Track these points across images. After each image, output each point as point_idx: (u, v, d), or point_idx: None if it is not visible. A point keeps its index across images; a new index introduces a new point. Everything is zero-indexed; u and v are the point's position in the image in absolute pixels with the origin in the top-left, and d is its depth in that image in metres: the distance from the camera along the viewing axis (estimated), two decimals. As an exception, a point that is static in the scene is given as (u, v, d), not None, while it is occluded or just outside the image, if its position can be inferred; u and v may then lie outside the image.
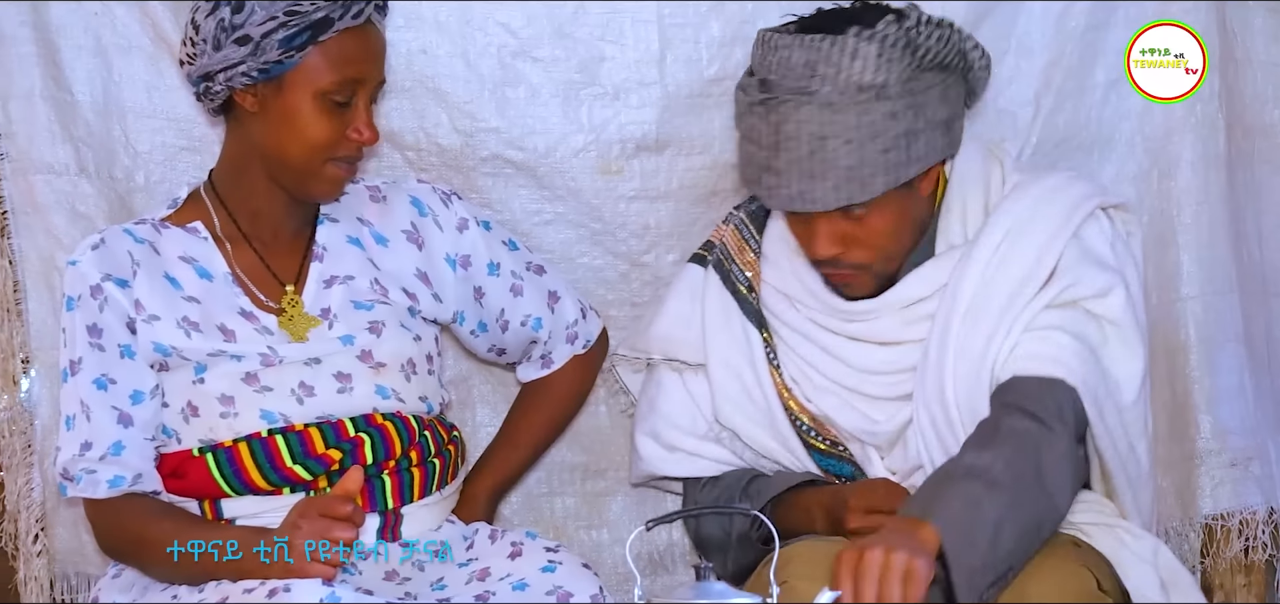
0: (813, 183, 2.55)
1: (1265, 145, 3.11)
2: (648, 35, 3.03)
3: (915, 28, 2.55)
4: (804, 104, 2.54)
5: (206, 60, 2.59)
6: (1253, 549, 3.13)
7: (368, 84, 2.62)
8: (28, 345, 3.00)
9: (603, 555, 3.12)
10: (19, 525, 3.03)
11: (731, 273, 2.84)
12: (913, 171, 2.57)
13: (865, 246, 2.63)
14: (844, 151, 2.53)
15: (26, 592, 3.02)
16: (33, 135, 2.96)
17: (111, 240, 2.65)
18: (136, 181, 3.00)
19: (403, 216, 2.79)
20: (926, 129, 2.56)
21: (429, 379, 2.75)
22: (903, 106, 2.53)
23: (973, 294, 2.63)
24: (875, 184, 2.55)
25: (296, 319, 2.67)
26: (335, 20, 2.56)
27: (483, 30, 3.03)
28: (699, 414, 2.85)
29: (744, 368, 2.79)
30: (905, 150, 2.55)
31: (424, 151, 3.03)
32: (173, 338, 2.60)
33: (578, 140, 3.04)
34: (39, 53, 2.95)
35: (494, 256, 2.85)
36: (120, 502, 2.62)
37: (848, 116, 2.53)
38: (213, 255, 2.67)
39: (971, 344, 2.61)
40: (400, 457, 2.68)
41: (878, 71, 2.52)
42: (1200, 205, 3.11)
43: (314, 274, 2.70)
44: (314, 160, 2.61)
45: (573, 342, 2.95)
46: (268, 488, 2.61)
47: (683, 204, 3.07)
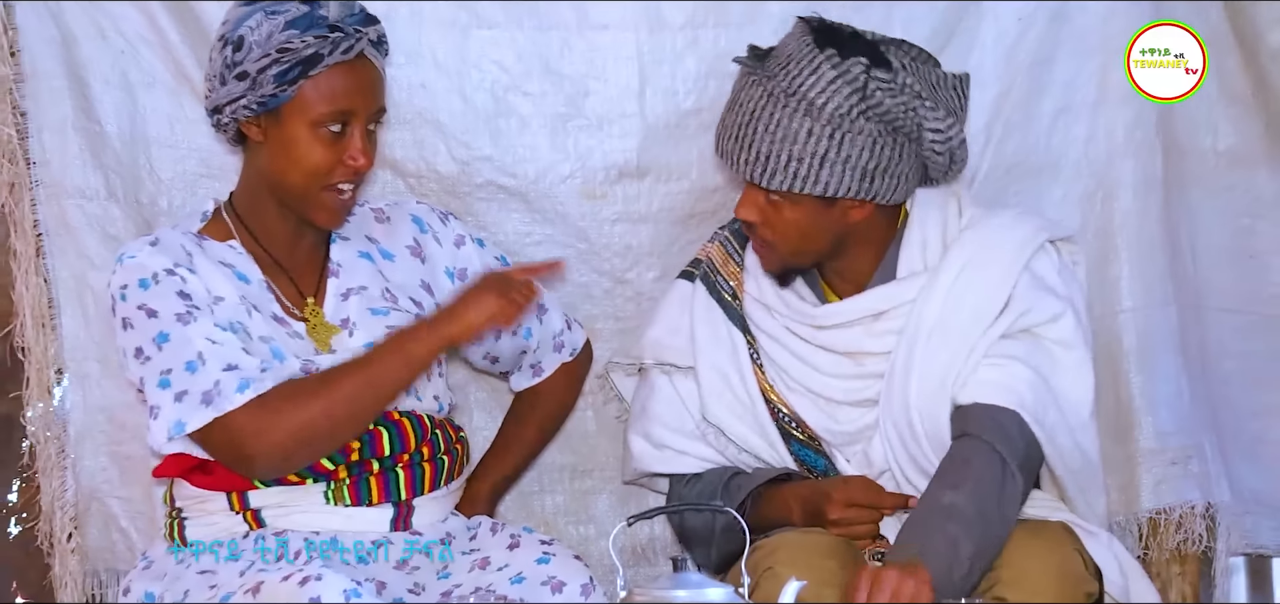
0: (737, 147, 2.79)
1: (1199, 170, 3.27)
2: (628, 71, 3.15)
3: (881, 82, 2.72)
4: (759, 83, 2.77)
5: (216, 95, 2.73)
6: (1189, 541, 3.27)
7: (360, 114, 2.72)
8: (61, 357, 3.08)
9: (589, 548, 3.22)
10: (53, 525, 3.10)
11: (717, 284, 3.01)
12: (812, 190, 2.75)
13: (775, 230, 2.82)
14: (763, 138, 2.76)
15: (61, 587, 3.10)
16: (65, 163, 3.07)
17: (165, 238, 2.76)
18: (160, 206, 3.11)
19: (406, 233, 2.92)
20: (841, 164, 2.74)
21: (439, 382, 2.87)
22: (824, 133, 2.72)
23: (935, 319, 2.82)
24: (774, 180, 2.76)
25: (319, 328, 2.80)
26: (325, 56, 2.68)
27: (478, 67, 3.15)
28: (687, 414, 3.00)
29: (730, 369, 2.96)
30: (811, 169, 2.74)
31: (424, 178, 3.16)
32: (238, 315, 2.70)
33: (565, 168, 3.17)
34: (70, 87, 3.07)
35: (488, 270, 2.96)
36: (284, 387, 2.67)
37: (776, 112, 2.75)
38: (249, 266, 2.79)
39: (934, 366, 2.80)
40: (414, 451, 2.78)
41: (821, 94, 2.72)
42: (1140, 225, 3.25)
43: (331, 288, 2.83)
44: (312, 186, 2.73)
45: (560, 350, 3.09)
46: (293, 479, 2.72)
47: (662, 226, 3.20)
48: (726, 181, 3.19)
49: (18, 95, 3.06)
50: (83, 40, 3.08)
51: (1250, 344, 3.30)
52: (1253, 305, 3.29)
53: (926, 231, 2.90)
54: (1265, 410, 3.30)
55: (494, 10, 3.15)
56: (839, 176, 2.75)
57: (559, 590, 2.66)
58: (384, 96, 2.79)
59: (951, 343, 2.81)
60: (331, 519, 2.76)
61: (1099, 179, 3.28)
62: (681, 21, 3.16)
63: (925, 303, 2.83)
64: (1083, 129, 3.24)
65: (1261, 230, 3.28)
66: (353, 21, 2.72)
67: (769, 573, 2.66)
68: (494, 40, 3.15)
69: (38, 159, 3.07)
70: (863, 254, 2.89)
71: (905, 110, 2.75)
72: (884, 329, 2.88)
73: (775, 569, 2.65)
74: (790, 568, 2.55)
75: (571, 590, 2.66)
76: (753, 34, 3.09)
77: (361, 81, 2.73)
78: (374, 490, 2.78)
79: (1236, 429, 3.30)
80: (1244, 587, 3.60)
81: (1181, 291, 3.28)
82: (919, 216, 2.91)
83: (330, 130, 2.71)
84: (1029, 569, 2.66)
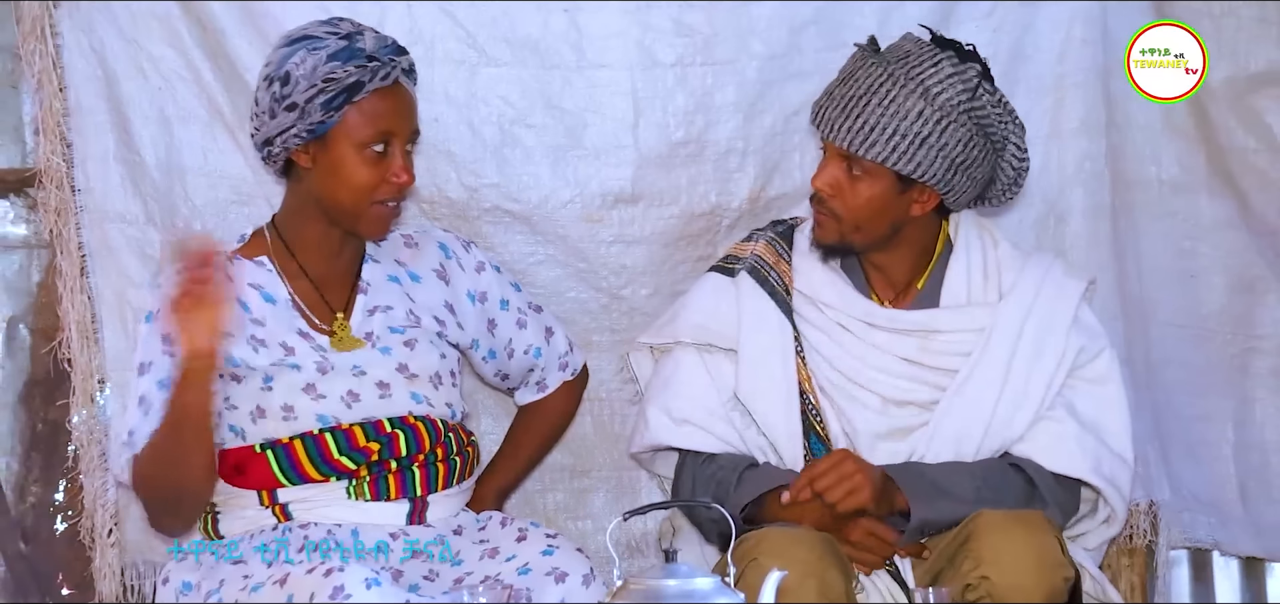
0: (843, 116, 2.94)
1: (1144, 197, 3.40)
2: (624, 106, 3.27)
3: (989, 91, 2.94)
4: (879, 66, 2.93)
5: (266, 128, 2.85)
6: (1136, 535, 3.41)
7: (400, 135, 2.86)
8: (103, 368, 3.18)
9: (587, 542, 3.19)
10: (95, 522, 3.18)
11: (768, 276, 3.10)
12: (903, 168, 2.91)
13: (845, 203, 2.96)
14: (875, 110, 2.91)
15: (101, 579, 3.19)
16: (108, 191, 3.19)
17: None
18: (195, 230, 3.19)
19: (433, 258, 3.05)
20: (937, 151, 2.91)
21: (453, 391, 2.98)
22: (932, 119, 2.90)
23: (1005, 367, 2.99)
24: (874, 150, 2.91)
25: (345, 340, 2.92)
26: (366, 83, 2.82)
27: (485, 102, 3.27)
28: (714, 393, 3.07)
29: (774, 353, 3.05)
30: (910, 148, 2.91)
31: (436, 204, 3.28)
32: (242, 353, 2.85)
33: (565, 194, 3.30)
34: (112, 121, 3.19)
35: (504, 295, 3.10)
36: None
37: (894, 90, 2.91)
38: (276, 283, 2.92)
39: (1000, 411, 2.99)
40: (428, 452, 2.90)
41: (938, 84, 2.92)
42: (1089, 247, 3.37)
43: (360, 304, 2.95)
44: (361, 202, 2.86)
45: (564, 370, 3.22)
46: (318, 477, 2.84)
47: (655, 247, 3.32)
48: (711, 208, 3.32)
49: (65, 128, 3.16)
50: (124, 79, 3.19)
51: (1191, 355, 3.42)
52: (1193, 320, 3.42)
53: (970, 264, 3.07)
54: (1203, 416, 3.43)
55: (500, 49, 3.26)
56: (930, 161, 2.92)
57: (562, 581, 2.77)
58: (417, 119, 2.92)
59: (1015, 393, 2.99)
60: (352, 513, 2.88)
61: (1051, 205, 3.39)
62: (672, 60, 3.29)
63: (987, 351, 2.99)
64: (1037, 160, 3.27)
65: (1202, 251, 3.41)
66: (387, 52, 2.86)
67: (753, 564, 2.73)
68: (500, 77, 3.27)
69: (82, 187, 3.18)
70: (905, 256, 3.06)
71: (1000, 121, 2.95)
72: (934, 347, 3.02)
73: (759, 561, 2.73)
74: (774, 559, 2.61)
75: (573, 581, 2.77)
76: (738, 71, 3.29)
77: (399, 105, 2.88)
78: (392, 487, 2.90)
79: (1178, 433, 3.43)
80: (1187, 578, 3.69)
81: (1128, 307, 3.40)
82: (964, 244, 3.08)
83: (374, 151, 2.84)
84: (1009, 552, 2.77)
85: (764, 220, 3.35)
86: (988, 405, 3.00)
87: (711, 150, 3.34)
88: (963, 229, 3.11)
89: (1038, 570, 2.78)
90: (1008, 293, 3.04)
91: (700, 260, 3.37)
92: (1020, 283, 3.05)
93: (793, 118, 3.34)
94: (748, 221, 3.38)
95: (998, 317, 3.02)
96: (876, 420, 3.03)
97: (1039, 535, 2.82)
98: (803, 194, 3.32)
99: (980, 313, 3.04)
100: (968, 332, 3.03)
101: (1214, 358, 3.44)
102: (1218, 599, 3.70)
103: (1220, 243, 3.42)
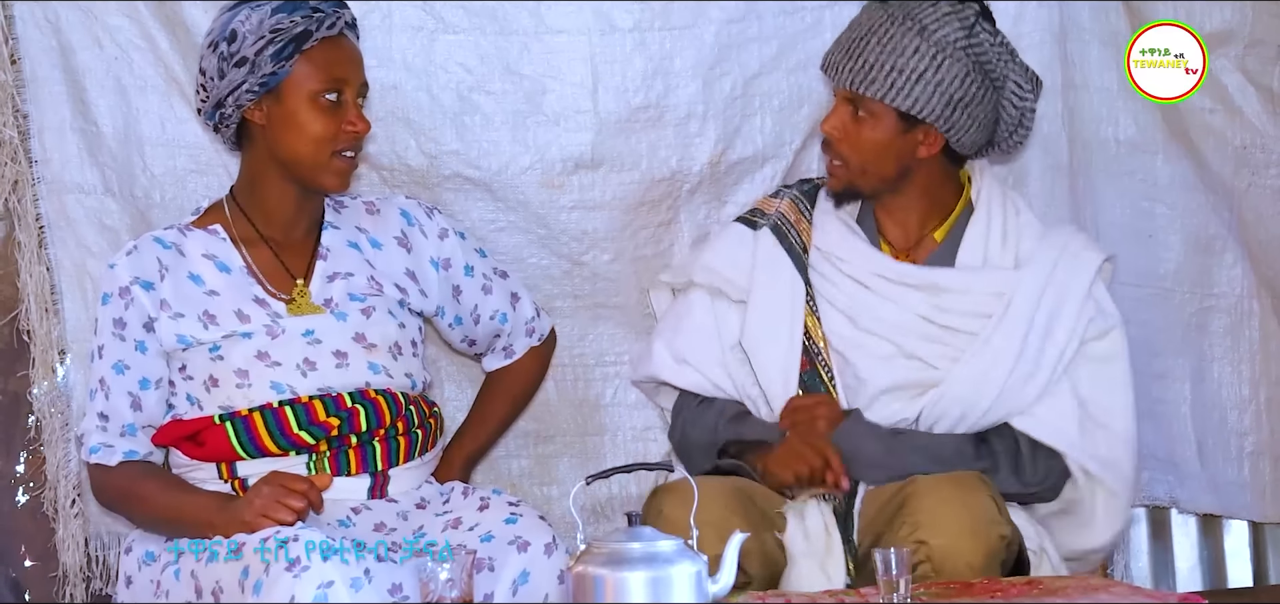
0: (845, 57, 3.03)
1: (1101, 157, 3.43)
2: (582, 71, 3.27)
3: (987, 29, 3.01)
4: (881, 8, 3.02)
5: (216, 90, 2.87)
6: None
7: (351, 84, 2.88)
8: (64, 339, 3.19)
9: (552, 507, 3.34)
10: (57, 493, 3.21)
11: (788, 234, 3.17)
12: (903, 103, 2.99)
13: (851, 145, 3.05)
14: (873, 49, 3.00)
15: (64, 550, 3.21)
16: (65, 161, 3.19)
17: (143, 248, 2.91)
18: (153, 199, 3.22)
19: (394, 225, 3.06)
20: (933, 87, 3.00)
21: (413, 361, 2.99)
22: (928, 53, 2.98)
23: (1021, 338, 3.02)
24: (872, 87, 3.00)
25: (302, 307, 2.92)
26: (314, 31, 2.84)
27: (444, 69, 3.27)
28: (716, 340, 3.15)
29: (782, 308, 3.12)
30: (908, 83, 2.98)
31: (396, 172, 3.29)
32: (193, 330, 2.88)
33: (525, 160, 3.30)
34: (68, 92, 3.19)
35: (468, 261, 3.12)
36: (121, 468, 2.87)
37: (891, 28, 2.99)
38: (231, 253, 2.93)
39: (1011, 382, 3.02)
40: (389, 425, 2.91)
41: (934, 22, 2.99)
42: (1047, 207, 3.39)
43: (319, 271, 2.96)
44: (320, 154, 2.88)
45: (531, 335, 3.24)
46: (277, 451, 2.85)
47: (615, 213, 3.33)
48: (672, 173, 3.34)
49: (20, 100, 3.17)
50: (79, 48, 3.19)
51: (1148, 314, 3.43)
52: (1150, 280, 3.45)
53: (991, 223, 3.11)
54: (1161, 375, 3.47)
55: (458, 16, 3.27)
56: (928, 97, 3.00)
57: (525, 550, 2.78)
58: (364, 73, 2.94)
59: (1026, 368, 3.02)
60: None
61: (1009, 166, 3.41)
62: (630, 25, 3.30)
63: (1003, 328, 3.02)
64: None
65: (1158, 213, 3.44)
66: (330, 3, 2.89)
67: (660, 517, 2.80)
68: (458, 44, 3.27)
69: (39, 158, 3.19)
70: (917, 202, 3.11)
71: (999, 58, 3.02)
72: (945, 306, 3.07)
73: (665, 513, 2.81)
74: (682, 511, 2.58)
75: (536, 549, 2.79)
76: (696, 36, 3.30)
77: (348, 54, 2.91)
78: (352, 462, 2.91)
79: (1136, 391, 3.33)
80: (1145, 536, 3.72)
81: None
82: (985, 207, 3.12)
83: (327, 99, 2.86)
84: (944, 515, 2.82)
85: (726, 185, 3.39)
86: (1001, 374, 3.03)
87: (671, 115, 3.35)
88: (985, 192, 3.14)
89: (973, 531, 2.81)
90: (1026, 262, 3.08)
91: (661, 225, 3.40)
92: (1039, 252, 3.08)
93: (752, 82, 3.36)
94: (709, 186, 3.41)
95: (1018, 285, 3.05)
96: (884, 373, 3.07)
97: (972, 496, 2.86)
98: (764, 158, 3.39)
99: (994, 277, 3.08)
100: (979, 294, 3.07)
101: (1171, 317, 3.48)
102: (1176, 556, 3.73)
103: (1177, 203, 3.44)
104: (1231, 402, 3.48)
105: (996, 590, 2.67)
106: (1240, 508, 3.53)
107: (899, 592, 2.50)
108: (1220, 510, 3.57)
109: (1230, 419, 3.48)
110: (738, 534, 2.46)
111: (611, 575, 2.36)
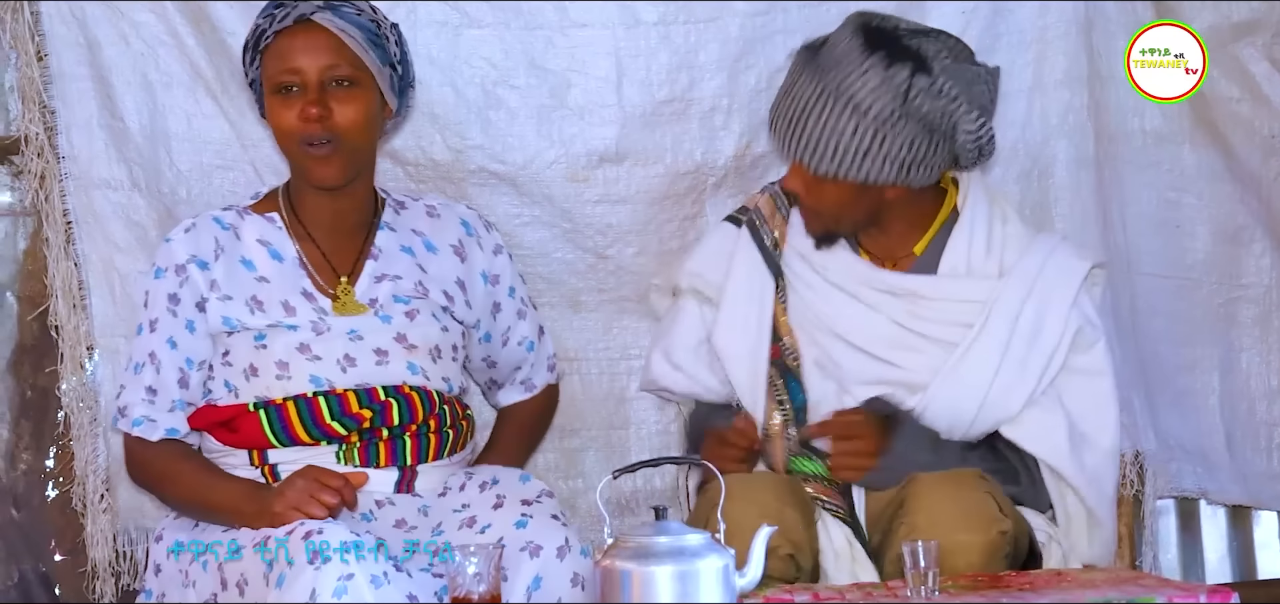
0: (789, 132, 2.95)
1: (1126, 149, 3.43)
2: (607, 65, 3.28)
3: (922, 89, 2.88)
4: (812, 79, 2.94)
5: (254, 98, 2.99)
6: (1123, 485, 3.39)
7: (308, 72, 2.86)
8: (92, 334, 3.20)
9: (578, 501, 3.37)
10: (87, 488, 3.21)
11: (761, 231, 3.14)
12: (854, 178, 2.92)
13: (818, 201, 3.00)
14: (813, 128, 2.92)
15: (93, 545, 3.22)
16: (92, 157, 3.20)
17: (201, 226, 2.94)
18: (180, 195, 3.24)
19: (453, 232, 3.07)
20: (881, 158, 2.91)
21: (452, 365, 3.00)
22: (868, 131, 2.90)
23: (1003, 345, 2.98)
24: (821, 166, 2.93)
25: (348, 305, 2.94)
26: (267, 29, 2.88)
27: (469, 63, 3.28)
28: (705, 342, 3.15)
29: (751, 306, 3.09)
30: (855, 161, 2.92)
31: (422, 166, 3.29)
32: (240, 314, 2.89)
33: (550, 154, 3.31)
34: (95, 88, 3.20)
35: (512, 283, 3.13)
36: (160, 445, 2.91)
37: (827, 107, 2.91)
38: (286, 242, 2.96)
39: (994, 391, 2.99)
40: (422, 422, 2.91)
41: (867, 97, 2.89)
42: (1073, 199, 3.39)
43: (367, 270, 2.97)
44: (291, 147, 2.90)
45: (551, 371, 3.25)
46: (309, 441, 2.86)
47: (639, 206, 3.33)
48: (697, 167, 3.34)
49: (47, 96, 3.18)
50: (106, 45, 3.21)
51: (1175, 305, 3.46)
52: (1177, 270, 3.46)
53: (974, 232, 3.06)
54: (1188, 365, 3.48)
55: (483, 11, 3.28)
56: (878, 167, 2.92)
57: (537, 554, 2.73)
58: (341, 60, 2.87)
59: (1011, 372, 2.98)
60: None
61: (1035, 158, 3.40)
62: (654, 19, 3.30)
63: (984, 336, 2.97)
64: (1020, 113, 3.36)
65: (1186, 202, 3.45)
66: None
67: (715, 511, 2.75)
68: (483, 39, 3.28)
69: (66, 154, 3.21)
70: (898, 228, 3.06)
71: (942, 114, 2.91)
72: (920, 313, 3.03)
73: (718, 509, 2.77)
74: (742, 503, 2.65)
75: (548, 553, 2.74)
76: (721, 29, 3.30)
77: (306, 44, 2.87)
78: (382, 454, 2.92)
79: (1163, 383, 3.45)
80: (1174, 528, 3.72)
81: (1113, 258, 3.39)
82: (970, 215, 3.06)
83: (286, 92, 2.87)
84: (942, 513, 2.79)
85: (751, 178, 3.38)
86: (984, 382, 2.99)
87: (696, 108, 3.35)
88: (971, 199, 3.09)
89: (971, 529, 2.80)
90: (1010, 270, 3.03)
91: (686, 219, 3.40)
92: (1023, 261, 3.04)
93: (777, 75, 3.32)
94: (734, 180, 3.40)
95: (999, 293, 3.01)
96: (863, 365, 3.04)
97: (971, 493, 2.84)
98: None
99: (975, 285, 3.03)
100: (960, 302, 3.03)
101: (1199, 307, 3.49)
102: (1205, 548, 3.73)
103: (1204, 193, 3.46)
104: (1260, 392, 3.49)
105: (1025, 583, 2.66)
106: (1270, 498, 3.54)
107: (928, 584, 2.50)
108: (1249, 501, 3.57)
109: (1259, 409, 3.49)
110: (765, 528, 2.47)
111: (639, 569, 2.36)
